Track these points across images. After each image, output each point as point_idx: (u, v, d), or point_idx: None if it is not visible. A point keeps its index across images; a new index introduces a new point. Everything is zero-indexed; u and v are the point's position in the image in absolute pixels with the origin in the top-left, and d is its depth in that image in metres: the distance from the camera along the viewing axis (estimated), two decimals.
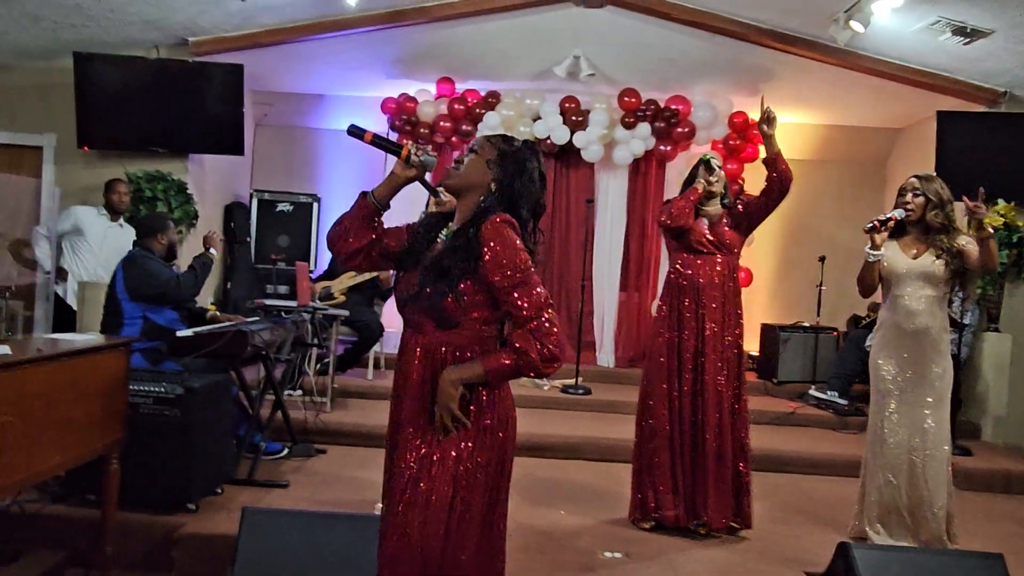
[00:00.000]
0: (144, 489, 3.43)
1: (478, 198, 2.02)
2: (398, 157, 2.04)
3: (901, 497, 3.44)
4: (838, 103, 7.08)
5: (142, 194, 6.09)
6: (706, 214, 3.78)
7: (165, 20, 5.88)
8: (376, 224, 2.09)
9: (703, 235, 3.73)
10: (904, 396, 3.47)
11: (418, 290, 1.97)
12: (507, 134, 2.17)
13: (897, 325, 3.50)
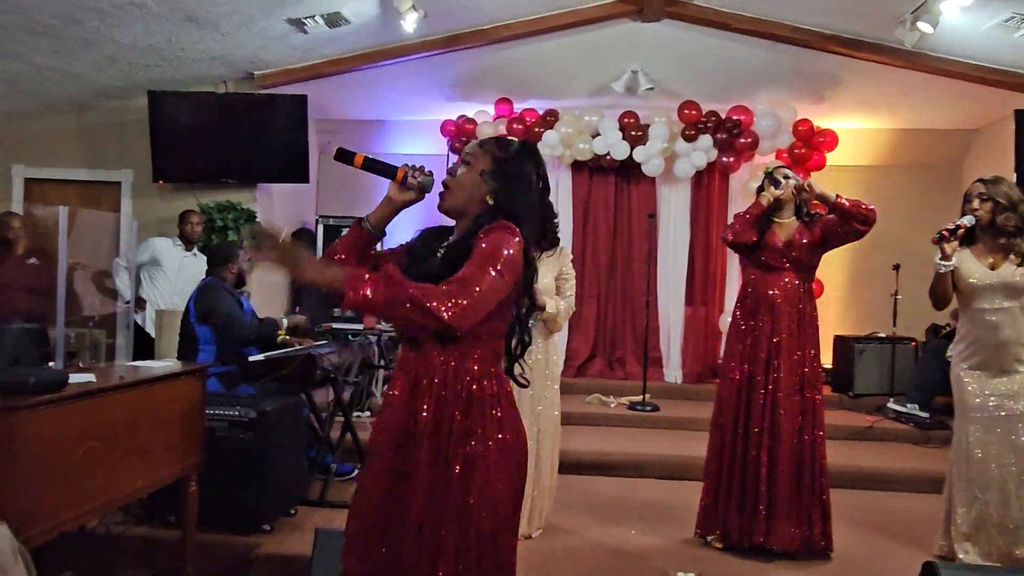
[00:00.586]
0: (221, 510, 3.52)
1: (475, 214, 1.85)
2: (393, 179, 1.93)
3: (991, 514, 3.27)
4: (908, 106, 6.87)
5: (213, 224, 6.30)
6: (779, 227, 3.64)
7: (232, 56, 6.10)
8: (371, 253, 1.95)
9: (775, 250, 3.59)
10: (991, 411, 3.31)
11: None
12: (503, 136, 1.99)
13: (979, 340, 3.34)
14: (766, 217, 3.62)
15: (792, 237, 3.60)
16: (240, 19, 5.48)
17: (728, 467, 3.56)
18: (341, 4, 5.45)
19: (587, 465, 4.94)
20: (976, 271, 3.31)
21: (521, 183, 1.86)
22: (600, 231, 7.48)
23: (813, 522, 3.51)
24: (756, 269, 3.65)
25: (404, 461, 1.76)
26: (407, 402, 1.78)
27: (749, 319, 3.61)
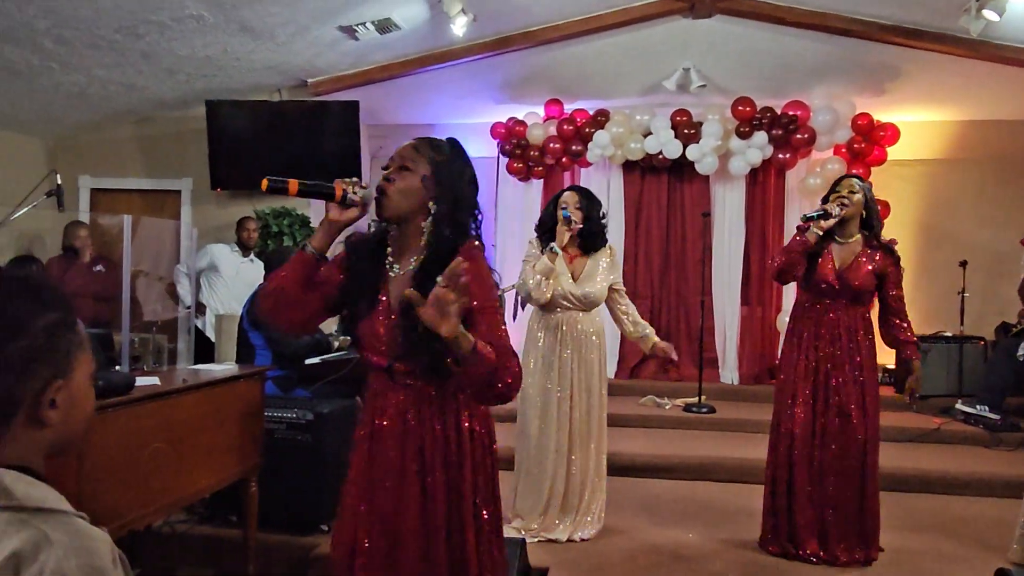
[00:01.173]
0: (281, 510, 3.57)
1: (420, 223, 1.83)
2: (332, 200, 1.84)
3: None
4: (973, 97, 6.64)
5: (269, 230, 6.42)
6: (839, 247, 3.43)
7: (286, 64, 6.21)
8: (315, 282, 1.87)
9: (827, 280, 3.40)
10: None
11: (409, 346, 1.72)
12: (432, 137, 1.93)
13: None
14: (824, 237, 3.42)
15: (847, 270, 3.41)
16: (294, 28, 5.58)
17: (785, 473, 3.47)
18: (391, 10, 5.50)
19: (642, 467, 4.89)
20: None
21: (461, 185, 1.84)
22: (653, 231, 7.40)
23: (870, 532, 3.41)
24: (808, 293, 3.50)
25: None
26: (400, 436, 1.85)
27: (803, 333, 3.49)
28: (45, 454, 1.02)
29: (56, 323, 1.00)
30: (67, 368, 1.01)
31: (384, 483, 1.83)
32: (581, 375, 3.65)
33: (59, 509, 0.95)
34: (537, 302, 3.64)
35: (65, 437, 1.04)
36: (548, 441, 3.62)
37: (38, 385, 0.97)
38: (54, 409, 0.99)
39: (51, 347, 0.99)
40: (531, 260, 3.66)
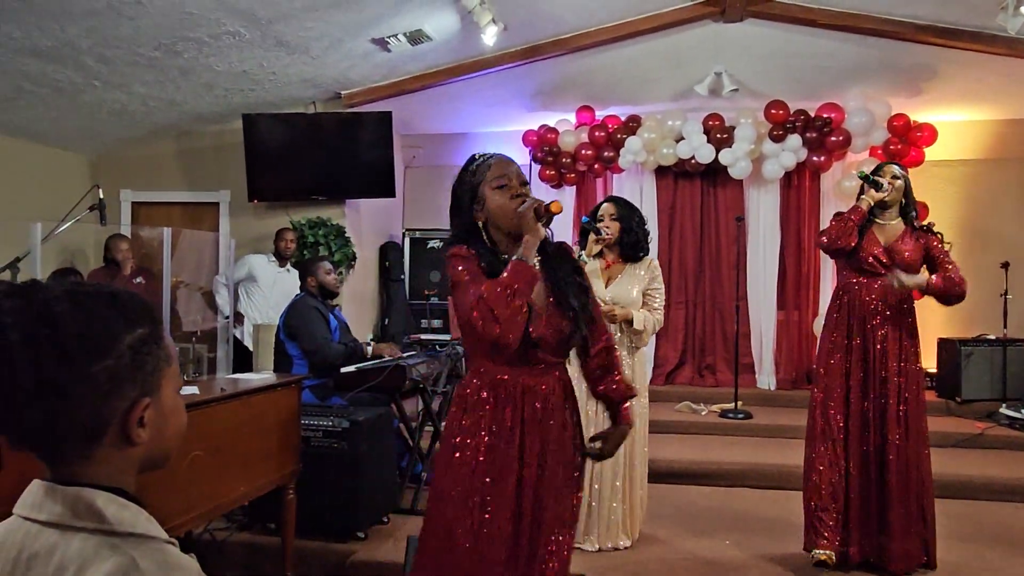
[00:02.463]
0: (318, 518, 3.62)
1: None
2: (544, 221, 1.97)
3: None
4: (1013, 96, 6.50)
5: (305, 240, 6.52)
6: (880, 229, 3.45)
7: (320, 77, 6.31)
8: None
9: (874, 253, 3.40)
10: None
11: (571, 332, 2.00)
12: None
13: None
14: (867, 217, 3.44)
15: (894, 244, 3.41)
16: (328, 42, 5.67)
17: (828, 480, 3.41)
18: (423, 22, 5.56)
19: (679, 474, 4.85)
20: None
21: None
22: (687, 236, 7.36)
23: (918, 537, 3.34)
24: (854, 273, 3.48)
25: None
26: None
27: (842, 323, 3.45)
28: (137, 472, 1.01)
29: (142, 340, 0.97)
30: (155, 385, 0.99)
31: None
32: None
33: (149, 535, 0.94)
34: None
35: (156, 453, 1.02)
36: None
37: (125, 404, 0.95)
38: (143, 428, 0.97)
39: (138, 365, 0.96)
40: None
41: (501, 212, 1.99)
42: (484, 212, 2.01)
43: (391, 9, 5.31)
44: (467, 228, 2.03)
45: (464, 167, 2.10)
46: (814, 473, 3.45)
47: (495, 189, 2.00)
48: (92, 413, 0.93)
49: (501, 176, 2.00)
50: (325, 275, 4.58)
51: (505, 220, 1.98)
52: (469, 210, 2.02)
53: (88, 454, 0.95)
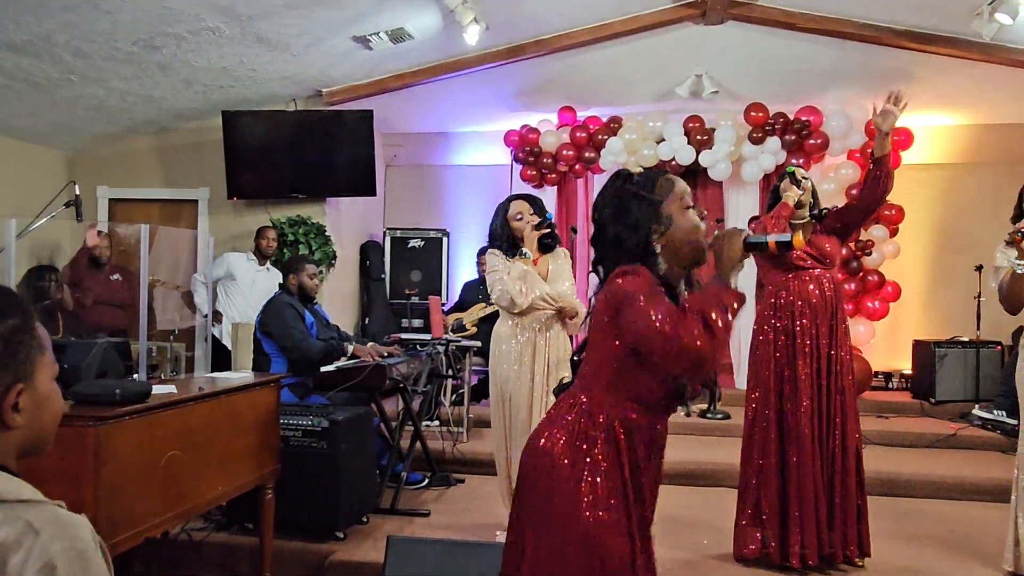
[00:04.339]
0: (296, 517, 3.60)
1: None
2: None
3: None
4: (987, 101, 6.60)
5: (285, 238, 6.48)
6: (798, 227, 3.55)
7: (301, 74, 6.27)
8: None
9: (802, 248, 3.47)
10: None
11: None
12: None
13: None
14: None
15: (815, 240, 3.56)
16: (309, 39, 5.64)
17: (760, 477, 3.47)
18: (404, 20, 5.55)
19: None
20: None
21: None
22: None
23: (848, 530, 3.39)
24: (781, 272, 3.57)
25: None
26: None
27: (779, 322, 3.51)
28: (17, 455, 1.06)
29: (13, 329, 1.03)
30: (28, 372, 1.04)
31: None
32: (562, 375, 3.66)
33: (37, 500, 0.99)
34: (520, 308, 3.66)
35: (34, 438, 1.08)
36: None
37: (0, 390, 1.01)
38: (18, 412, 1.03)
39: (10, 353, 1.02)
40: (499, 271, 3.69)
41: (691, 235, 1.82)
42: (667, 235, 1.80)
43: (373, 7, 5.29)
44: (643, 250, 1.79)
45: (629, 183, 1.86)
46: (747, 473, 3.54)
47: (684, 210, 1.82)
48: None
49: (687, 195, 1.85)
50: (308, 278, 4.56)
51: (689, 245, 1.82)
52: (647, 230, 1.79)
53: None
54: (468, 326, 6.52)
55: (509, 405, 3.70)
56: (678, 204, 1.82)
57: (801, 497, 3.36)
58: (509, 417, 3.71)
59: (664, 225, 1.80)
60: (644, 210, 1.80)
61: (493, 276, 3.72)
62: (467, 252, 7.46)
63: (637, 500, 1.77)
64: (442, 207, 8.10)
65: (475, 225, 7.79)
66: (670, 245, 1.80)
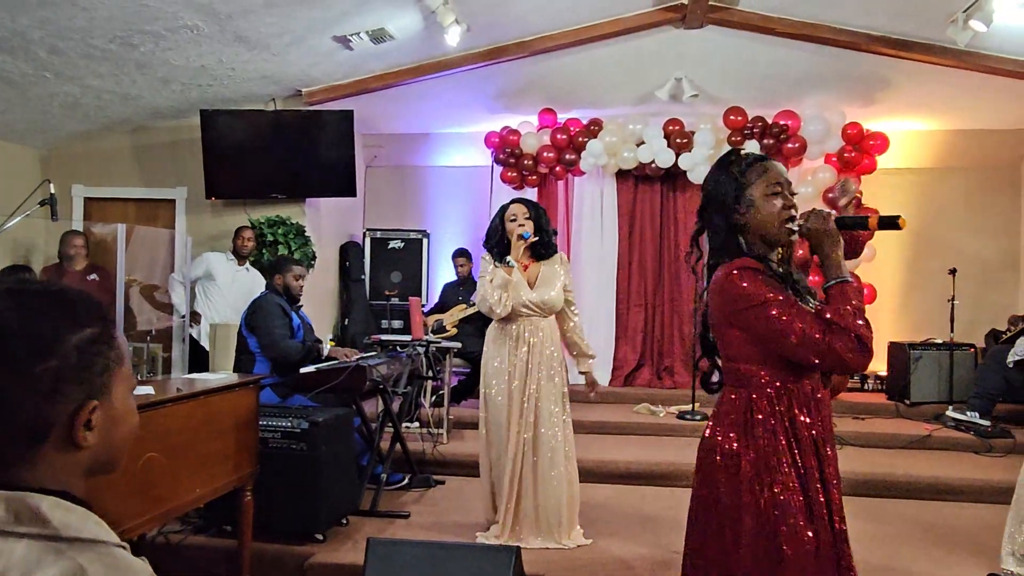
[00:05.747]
0: (276, 520, 3.58)
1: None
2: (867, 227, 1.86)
3: None
4: (962, 107, 6.70)
5: (264, 238, 6.44)
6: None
7: (280, 74, 6.23)
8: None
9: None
10: None
11: None
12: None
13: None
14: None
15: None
16: (289, 39, 5.60)
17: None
18: (386, 20, 5.54)
19: (636, 475, 4.91)
20: None
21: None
22: (646, 240, 7.43)
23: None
24: None
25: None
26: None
27: None
28: (86, 476, 0.98)
29: (90, 340, 0.94)
30: (104, 387, 0.95)
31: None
32: (546, 382, 3.68)
33: (97, 539, 0.91)
34: (499, 315, 3.68)
35: (105, 457, 0.99)
36: (513, 448, 3.63)
37: (71, 407, 0.92)
38: (90, 431, 0.94)
39: (84, 366, 0.93)
40: (487, 276, 3.72)
41: (771, 220, 1.86)
42: (748, 216, 1.87)
43: (354, 7, 5.27)
44: (728, 229, 1.89)
45: (726, 163, 1.94)
46: None
47: (768, 196, 1.87)
48: (34, 415, 0.90)
49: (776, 183, 1.88)
50: (293, 279, 4.53)
51: (772, 229, 1.87)
52: (732, 210, 1.88)
53: (31, 457, 0.92)
54: (448, 327, 6.52)
55: (492, 407, 3.71)
56: (763, 189, 1.88)
57: None
58: (492, 419, 3.72)
59: (745, 206, 1.88)
60: (729, 189, 1.89)
61: (480, 281, 3.80)
62: (447, 253, 7.45)
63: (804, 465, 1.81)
64: (422, 208, 8.09)
65: (455, 226, 7.79)
66: (751, 226, 1.88)
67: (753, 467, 1.79)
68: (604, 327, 7.27)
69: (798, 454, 1.80)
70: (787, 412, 1.82)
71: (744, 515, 1.78)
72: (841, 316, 1.72)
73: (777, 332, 1.75)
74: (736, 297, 1.81)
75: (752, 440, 1.81)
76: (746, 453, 1.81)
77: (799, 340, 1.72)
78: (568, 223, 7.47)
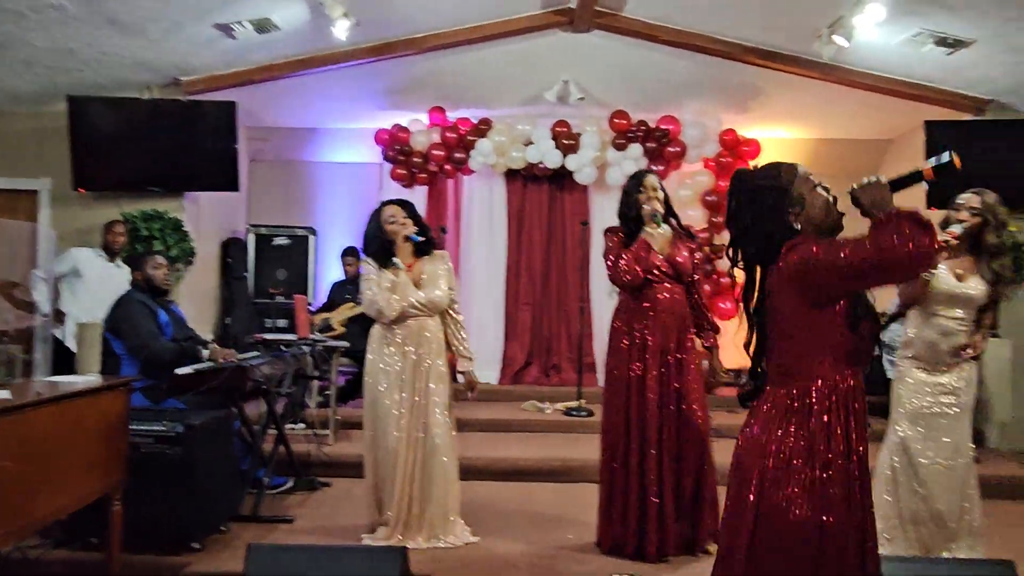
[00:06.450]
0: (148, 530, 3.41)
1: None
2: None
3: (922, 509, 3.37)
4: (826, 117, 7.13)
5: (138, 233, 6.12)
6: (652, 237, 3.66)
7: (157, 60, 5.94)
8: None
9: (655, 264, 3.62)
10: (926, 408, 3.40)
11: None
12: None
13: (927, 341, 3.38)
14: (638, 228, 3.69)
15: (670, 252, 3.67)
16: (167, 24, 5.35)
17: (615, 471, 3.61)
18: (270, 10, 5.37)
19: (524, 472, 4.97)
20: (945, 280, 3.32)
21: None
22: (535, 240, 7.54)
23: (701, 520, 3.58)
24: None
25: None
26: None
27: (632, 328, 3.65)
28: None
29: None
30: None
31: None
32: (432, 381, 3.69)
33: None
34: (389, 319, 3.67)
35: None
36: (401, 448, 3.62)
37: None
38: None
39: None
40: (373, 280, 3.69)
41: (826, 209, 1.97)
42: (801, 215, 1.95)
43: None
44: (786, 232, 1.93)
45: (750, 177, 2.02)
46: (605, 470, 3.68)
47: (813, 189, 1.97)
48: None
49: (811, 176, 2.00)
50: (153, 270, 4.30)
51: (829, 218, 1.97)
52: (785, 214, 1.94)
53: None
54: (336, 326, 6.40)
55: (379, 406, 3.68)
56: (807, 185, 1.97)
57: (653, 490, 3.51)
58: (378, 418, 3.69)
59: (799, 205, 1.94)
60: (777, 197, 1.95)
61: (364, 285, 3.74)
62: (336, 251, 7.32)
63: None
64: (310, 205, 7.91)
65: (344, 223, 7.65)
66: (809, 221, 1.94)
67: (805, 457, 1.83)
68: (493, 326, 7.33)
69: (855, 440, 1.85)
70: (841, 403, 1.86)
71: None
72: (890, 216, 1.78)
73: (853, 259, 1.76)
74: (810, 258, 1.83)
75: (807, 432, 1.84)
76: (799, 445, 1.84)
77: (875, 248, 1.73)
78: (458, 222, 7.48)
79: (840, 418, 1.86)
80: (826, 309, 1.84)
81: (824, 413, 1.85)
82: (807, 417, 1.86)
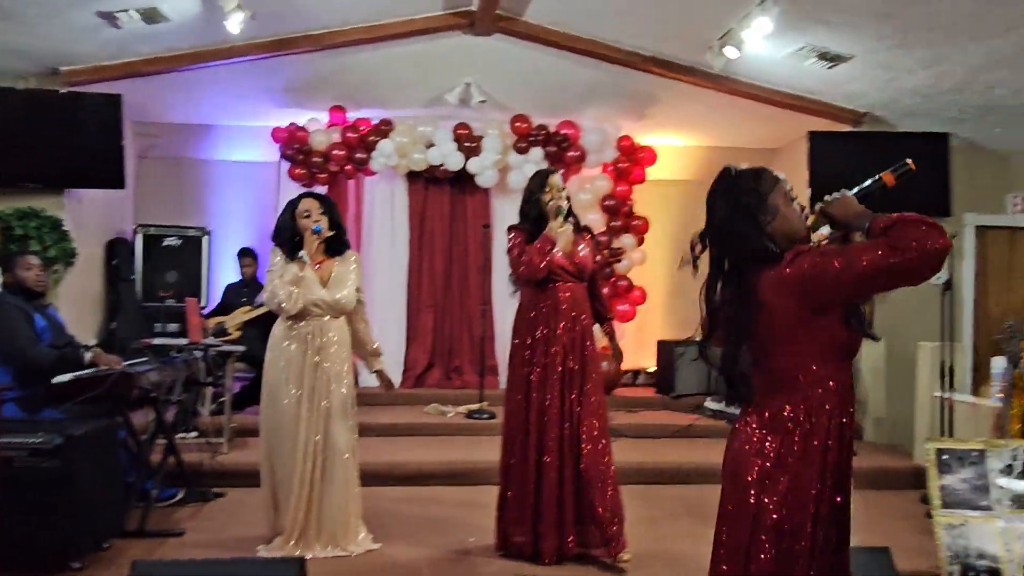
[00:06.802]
0: (22, 549, 3.20)
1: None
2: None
3: None
4: (717, 125, 7.41)
5: (12, 233, 5.73)
6: (554, 232, 3.66)
7: (34, 49, 5.59)
8: None
9: (556, 264, 3.65)
10: None
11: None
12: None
13: None
14: (539, 227, 3.71)
15: (572, 249, 3.70)
16: (44, 9, 5.03)
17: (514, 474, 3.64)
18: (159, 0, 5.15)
19: (427, 475, 4.95)
20: None
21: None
22: (436, 242, 7.51)
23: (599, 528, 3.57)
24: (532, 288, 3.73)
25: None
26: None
27: (534, 329, 3.67)
28: None
29: None
30: None
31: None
32: (333, 384, 3.63)
33: None
34: (288, 313, 3.59)
35: None
36: (299, 452, 3.54)
37: None
38: None
39: None
40: (276, 271, 3.61)
41: (798, 224, 1.95)
42: (774, 224, 1.93)
43: None
44: (758, 236, 1.92)
45: (736, 177, 2.03)
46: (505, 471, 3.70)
47: (789, 202, 1.96)
48: None
49: (788, 190, 1.98)
50: (24, 271, 4.03)
51: (800, 231, 1.95)
52: (758, 220, 1.93)
53: None
54: (231, 331, 6.19)
55: (277, 410, 3.58)
56: (783, 197, 1.96)
57: (550, 494, 3.52)
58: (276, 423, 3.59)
59: (771, 215, 1.94)
60: (754, 201, 1.95)
61: (269, 275, 3.64)
62: (231, 252, 7.07)
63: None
64: (203, 204, 7.61)
65: (240, 223, 7.41)
66: (779, 232, 1.93)
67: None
68: (395, 329, 7.26)
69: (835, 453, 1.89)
70: (837, 410, 1.89)
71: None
72: (888, 220, 1.75)
73: (880, 264, 1.72)
74: (809, 267, 1.82)
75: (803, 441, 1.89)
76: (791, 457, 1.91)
77: (896, 250, 1.69)
78: (359, 223, 7.37)
79: (830, 439, 1.89)
80: (828, 312, 1.88)
81: (814, 434, 1.89)
82: (802, 430, 1.90)
